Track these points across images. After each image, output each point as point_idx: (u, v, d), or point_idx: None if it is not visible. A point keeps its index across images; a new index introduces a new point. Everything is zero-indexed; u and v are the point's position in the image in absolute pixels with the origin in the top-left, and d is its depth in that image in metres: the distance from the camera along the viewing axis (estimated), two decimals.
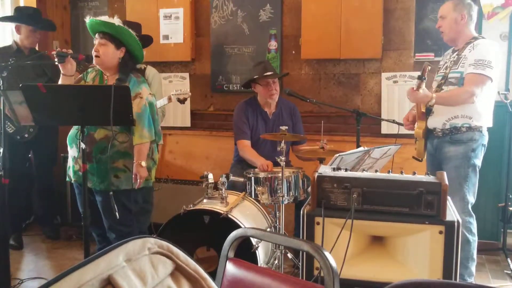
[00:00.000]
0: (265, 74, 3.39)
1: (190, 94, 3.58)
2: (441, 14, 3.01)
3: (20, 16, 3.80)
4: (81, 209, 2.92)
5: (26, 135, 3.73)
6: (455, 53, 3.00)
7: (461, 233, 2.78)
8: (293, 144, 3.61)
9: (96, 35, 2.75)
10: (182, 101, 3.57)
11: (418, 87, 2.70)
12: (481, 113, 2.87)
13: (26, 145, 3.85)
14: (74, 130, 2.83)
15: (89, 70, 2.92)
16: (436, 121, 2.97)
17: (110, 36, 2.71)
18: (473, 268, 2.91)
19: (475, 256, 2.91)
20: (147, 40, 3.85)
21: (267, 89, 3.44)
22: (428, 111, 3.00)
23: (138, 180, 2.72)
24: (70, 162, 2.87)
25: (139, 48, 2.82)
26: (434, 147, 3.03)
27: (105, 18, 2.71)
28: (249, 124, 3.52)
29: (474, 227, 2.90)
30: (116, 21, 2.72)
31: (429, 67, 2.68)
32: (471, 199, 2.91)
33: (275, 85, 3.44)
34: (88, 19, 2.72)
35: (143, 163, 2.72)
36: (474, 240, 2.89)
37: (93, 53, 2.71)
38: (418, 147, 3.07)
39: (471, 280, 2.92)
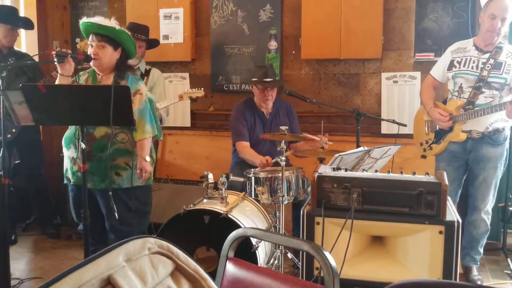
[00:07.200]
0: (264, 80, 3.40)
1: (203, 92, 3.65)
2: (506, 15, 2.86)
3: None
4: (73, 211, 2.91)
5: (9, 136, 3.62)
6: (486, 55, 2.94)
7: (484, 223, 3.05)
8: (290, 142, 3.62)
9: (92, 37, 2.70)
10: (194, 99, 3.64)
11: None
12: None
13: (8, 146, 3.77)
14: (71, 130, 2.80)
15: (81, 73, 2.90)
16: (476, 124, 2.96)
17: (107, 38, 2.69)
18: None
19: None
20: (154, 44, 3.84)
21: (262, 94, 3.46)
22: None
23: (144, 175, 2.72)
24: (67, 164, 2.83)
25: (134, 46, 2.85)
26: (468, 149, 3.03)
27: (100, 19, 2.67)
28: (247, 125, 3.52)
29: None
30: (113, 23, 2.68)
31: None
32: None
33: (272, 91, 3.46)
34: (82, 20, 2.68)
35: (147, 158, 2.72)
36: None
37: (91, 55, 2.70)
38: (441, 148, 3.11)
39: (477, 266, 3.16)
